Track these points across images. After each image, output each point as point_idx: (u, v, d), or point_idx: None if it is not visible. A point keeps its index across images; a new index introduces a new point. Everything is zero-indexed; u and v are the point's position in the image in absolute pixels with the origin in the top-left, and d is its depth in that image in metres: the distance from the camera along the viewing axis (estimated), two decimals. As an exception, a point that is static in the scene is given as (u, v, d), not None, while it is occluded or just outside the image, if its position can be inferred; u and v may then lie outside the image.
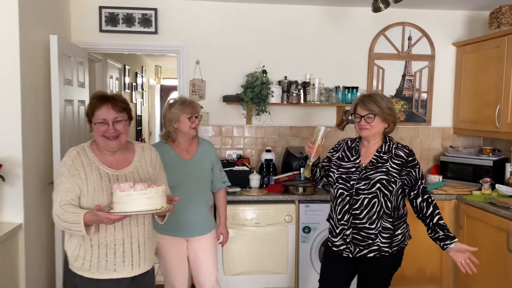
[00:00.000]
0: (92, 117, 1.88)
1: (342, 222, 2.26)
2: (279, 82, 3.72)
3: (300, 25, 3.80)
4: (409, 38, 3.91)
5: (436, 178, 3.70)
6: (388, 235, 2.20)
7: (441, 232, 2.15)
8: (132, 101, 6.35)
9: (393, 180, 2.19)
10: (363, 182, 2.20)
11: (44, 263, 2.99)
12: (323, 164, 2.42)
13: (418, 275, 3.40)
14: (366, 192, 2.19)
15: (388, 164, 2.21)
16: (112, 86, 5.04)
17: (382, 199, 2.18)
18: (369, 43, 3.88)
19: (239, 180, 3.46)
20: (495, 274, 2.98)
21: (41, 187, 2.92)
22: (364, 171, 2.23)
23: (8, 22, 2.54)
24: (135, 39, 3.64)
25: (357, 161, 2.28)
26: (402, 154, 2.23)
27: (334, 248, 2.32)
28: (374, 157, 2.24)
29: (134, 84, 6.44)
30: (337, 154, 2.37)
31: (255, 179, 3.43)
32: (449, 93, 4.00)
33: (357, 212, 2.21)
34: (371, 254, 2.21)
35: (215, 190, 2.70)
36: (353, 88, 3.73)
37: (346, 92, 3.73)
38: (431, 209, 2.20)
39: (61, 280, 2.96)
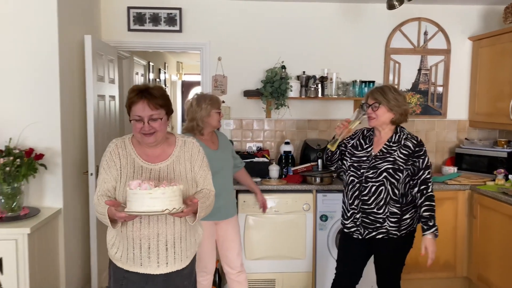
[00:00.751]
0: (130, 111, 1.87)
1: (353, 206, 2.45)
2: (298, 77, 3.87)
3: (318, 21, 3.94)
4: (425, 33, 4.00)
5: (451, 170, 3.80)
6: (396, 219, 2.36)
7: (421, 222, 2.35)
8: (155, 97, 6.58)
9: (399, 169, 2.34)
10: (372, 171, 2.37)
11: (80, 245, 3.24)
12: (341, 148, 2.57)
13: (432, 263, 3.50)
14: (373, 180, 2.36)
15: (396, 153, 2.35)
16: (138, 82, 5.27)
17: (389, 187, 2.34)
18: (385, 39, 3.99)
19: (259, 171, 3.63)
20: (507, 261, 3.08)
21: (77, 176, 3.16)
22: (373, 160, 2.38)
23: (48, 24, 2.77)
24: (161, 37, 3.85)
25: (369, 149, 2.43)
26: (410, 144, 2.37)
27: (345, 230, 2.52)
28: (384, 146, 2.40)
29: (157, 80, 6.68)
30: (352, 142, 2.53)
31: (274, 170, 3.60)
32: (464, 87, 4.08)
33: (366, 198, 2.38)
34: (380, 236, 2.39)
35: (239, 169, 2.99)
36: (369, 82, 3.85)
37: (363, 86, 3.86)
38: (421, 199, 2.33)
39: (96, 263, 3.21)
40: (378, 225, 2.38)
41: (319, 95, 3.83)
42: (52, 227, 2.78)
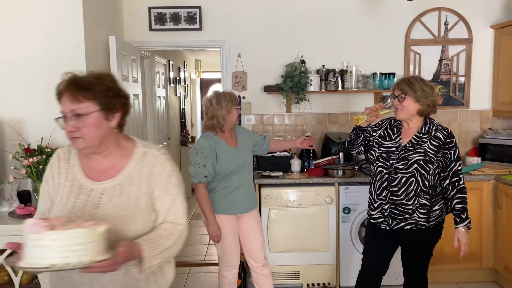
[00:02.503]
0: None
1: (381, 197, 2.43)
2: (317, 71, 3.89)
3: (336, 14, 3.95)
4: (446, 23, 3.96)
5: (475, 160, 3.76)
6: (425, 210, 2.35)
7: (454, 215, 2.36)
8: (176, 95, 6.69)
9: (430, 160, 2.31)
10: (402, 162, 2.34)
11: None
12: (365, 134, 2.53)
13: (457, 254, 3.45)
14: (404, 171, 2.34)
15: (426, 145, 2.33)
16: (159, 81, 5.36)
17: (419, 178, 2.32)
18: (405, 30, 3.97)
19: (281, 165, 3.67)
20: (534, 251, 3.05)
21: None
22: (403, 151, 2.36)
23: (74, 26, 2.87)
24: (182, 36, 3.92)
25: (398, 139, 2.40)
26: (440, 136, 2.34)
27: (372, 221, 2.52)
28: (414, 137, 2.37)
29: (177, 78, 6.78)
30: (379, 132, 2.50)
31: (296, 164, 3.63)
32: (487, 76, 4.02)
33: (395, 189, 2.37)
34: (408, 227, 2.38)
35: (267, 143, 3.03)
36: (390, 74, 3.85)
37: (383, 78, 3.85)
38: (453, 192, 2.33)
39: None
40: (407, 216, 2.37)
41: (339, 88, 3.84)
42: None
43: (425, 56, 3.99)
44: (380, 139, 2.47)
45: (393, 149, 2.40)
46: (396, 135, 2.43)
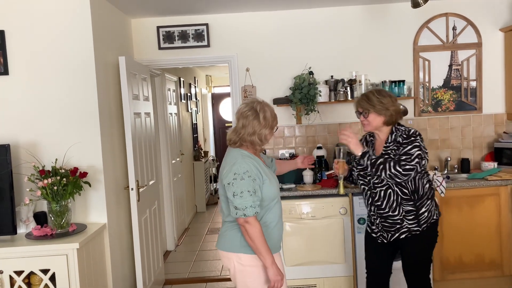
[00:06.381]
0: None
1: (372, 213, 2.50)
2: (326, 82, 3.89)
3: (342, 25, 3.96)
4: (454, 28, 3.94)
5: (491, 165, 3.69)
6: (412, 216, 2.36)
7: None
8: (188, 110, 6.75)
9: None
10: (376, 177, 2.37)
11: (125, 258, 3.36)
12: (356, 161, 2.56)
13: (477, 262, 3.41)
14: (380, 185, 2.38)
15: (392, 154, 2.34)
16: (170, 98, 5.42)
17: (396, 188, 2.33)
18: (412, 37, 3.95)
19: (293, 177, 3.66)
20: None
21: (118, 192, 3.30)
22: None
23: (85, 50, 2.93)
24: (190, 53, 3.98)
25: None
26: (400, 139, 2.33)
27: (373, 235, 2.55)
28: (383, 149, 2.40)
29: (188, 94, 6.84)
30: None
31: (308, 175, 3.61)
32: (499, 79, 3.97)
33: (379, 203, 2.41)
34: (403, 236, 2.40)
35: (275, 165, 2.52)
36: (399, 81, 3.83)
37: (393, 86, 3.83)
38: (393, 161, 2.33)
39: (141, 274, 3.31)
40: (398, 226, 2.40)
41: (349, 98, 3.83)
42: (99, 242, 2.91)
43: (435, 62, 3.96)
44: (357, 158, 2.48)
45: None
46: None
